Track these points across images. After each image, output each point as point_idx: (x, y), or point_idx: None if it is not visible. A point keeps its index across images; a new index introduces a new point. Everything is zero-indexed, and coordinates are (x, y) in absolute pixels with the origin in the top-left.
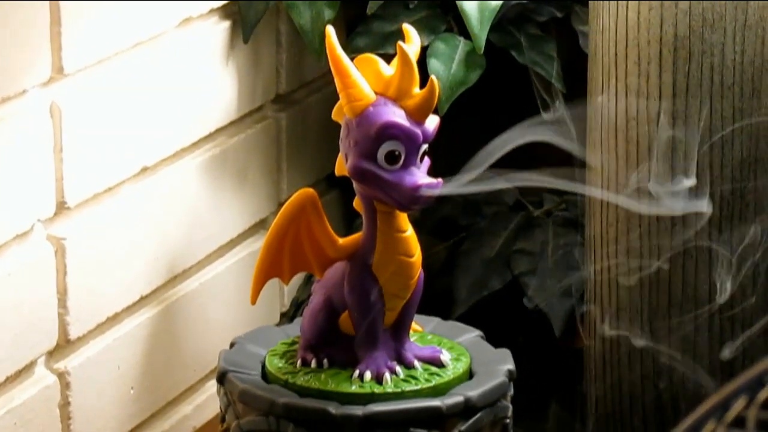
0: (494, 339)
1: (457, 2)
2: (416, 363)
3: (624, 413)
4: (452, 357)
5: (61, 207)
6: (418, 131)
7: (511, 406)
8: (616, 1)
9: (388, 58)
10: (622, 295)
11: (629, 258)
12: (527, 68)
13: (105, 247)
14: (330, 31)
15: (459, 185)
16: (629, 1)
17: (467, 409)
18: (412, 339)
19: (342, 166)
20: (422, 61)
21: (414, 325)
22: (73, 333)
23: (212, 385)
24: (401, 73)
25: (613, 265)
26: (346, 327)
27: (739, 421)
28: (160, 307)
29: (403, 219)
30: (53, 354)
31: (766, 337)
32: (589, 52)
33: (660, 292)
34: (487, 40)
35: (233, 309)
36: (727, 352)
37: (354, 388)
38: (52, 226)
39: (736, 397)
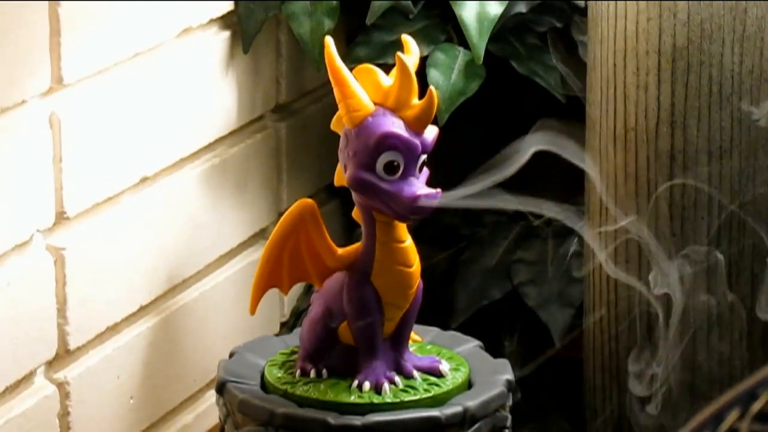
0: (493, 349)
1: (456, 12)
2: (415, 373)
3: (623, 423)
4: (451, 367)
5: (61, 217)
6: (417, 142)
7: (510, 416)
8: (615, 9)
9: (387, 69)
10: (621, 305)
11: (628, 268)
12: (527, 78)
13: (104, 257)
14: (329, 41)
15: (458, 196)
16: (628, 8)
17: (466, 419)
18: (411, 349)
19: (341, 177)
20: (422, 72)
21: (413, 335)
22: (73, 343)
23: (212, 395)
24: (400, 84)
25: (611, 275)
26: (345, 337)
27: None
28: (160, 317)
29: (402, 229)
30: (53, 364)
31: (764, 347)
32: (588, 62)
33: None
34: (487, 50)
35: (233, 319)
36: None
37: (353, 399)
38: (51, 236)
39: (730, 409)
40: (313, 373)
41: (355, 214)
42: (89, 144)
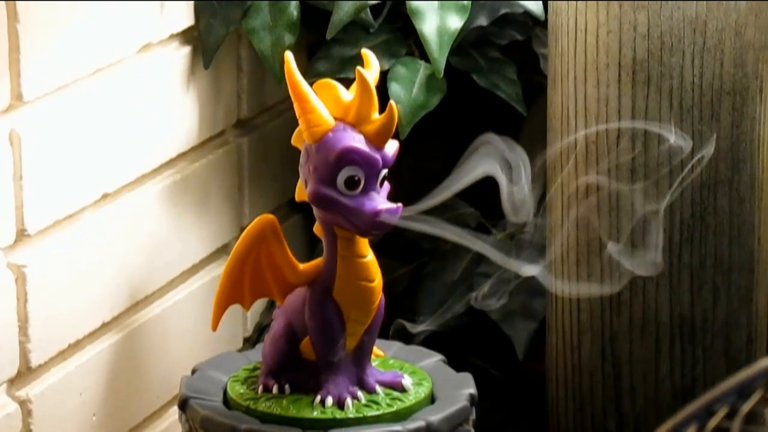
0: (456, 363)
1: (416, 27)
2: (378, 388)
3: None
4: (414, 381)
5: (21, 234)
6: (378, 156)
7: (473, 431)
8: (575, 23)
9: (348, 83)
10: (583, 318)
11: (590, 281)
12: (488, 91)
13: (66, 274)
14: (289, 56)
15: (419, 211)
16: (588, 22)
17: None
18: (373, 364)
19: (302, 192)
20: (383, 86)
21: (375, 350)
22: (35, 360)
23: (175, 412)
24: (360, 99)
25: (573, 288)
26: (307, 352)
27: None
28: (122, 334)
29: (364, 244)
30: (14, 382)
31: (725, 358)
32: (548, 75)
33: (621, 315)
34: (448, 63)
35: (195, 335)
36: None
37: (316, 414)
38: (12, 254)
39: (688, 425)
40: (275, 389)
41: (316, 229)
42: (50, 161)
